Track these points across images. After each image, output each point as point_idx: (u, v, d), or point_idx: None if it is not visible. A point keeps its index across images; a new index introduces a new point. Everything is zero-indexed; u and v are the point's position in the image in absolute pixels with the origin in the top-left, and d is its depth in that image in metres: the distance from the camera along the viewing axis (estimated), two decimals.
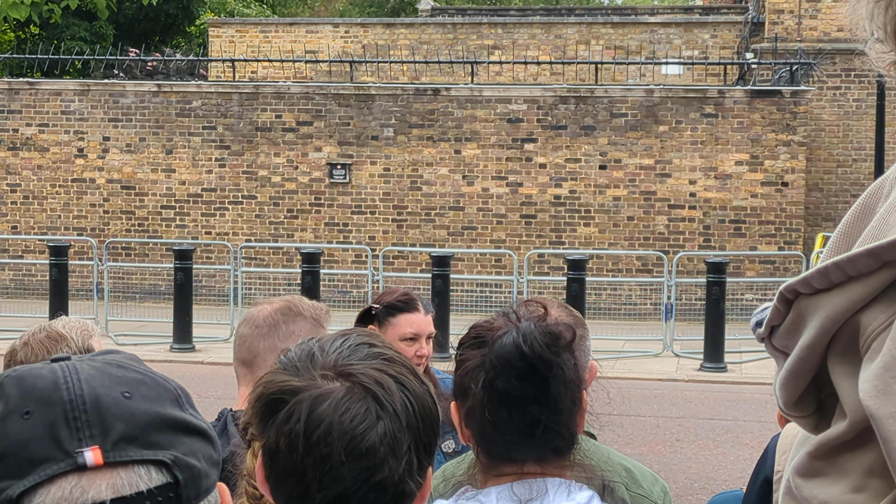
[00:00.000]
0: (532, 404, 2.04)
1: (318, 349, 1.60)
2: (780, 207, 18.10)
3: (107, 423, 1.11)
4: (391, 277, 17.81)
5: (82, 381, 1.14)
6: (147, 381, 1.18)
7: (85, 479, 1.09)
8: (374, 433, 1.51)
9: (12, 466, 1.08)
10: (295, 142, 18.99)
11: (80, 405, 1.11)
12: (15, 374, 1.16)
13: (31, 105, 19.48)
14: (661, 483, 2.66)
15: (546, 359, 2.02)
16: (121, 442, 1.11)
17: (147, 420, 1.14)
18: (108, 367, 1.17)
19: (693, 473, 9.47)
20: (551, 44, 23.26)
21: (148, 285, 19.10)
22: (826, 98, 20.30)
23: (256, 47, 23.86)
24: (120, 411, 1.13)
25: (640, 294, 18.24)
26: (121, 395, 1.14)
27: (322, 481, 1.49)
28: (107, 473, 1.09)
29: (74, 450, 1.09)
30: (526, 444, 2.05)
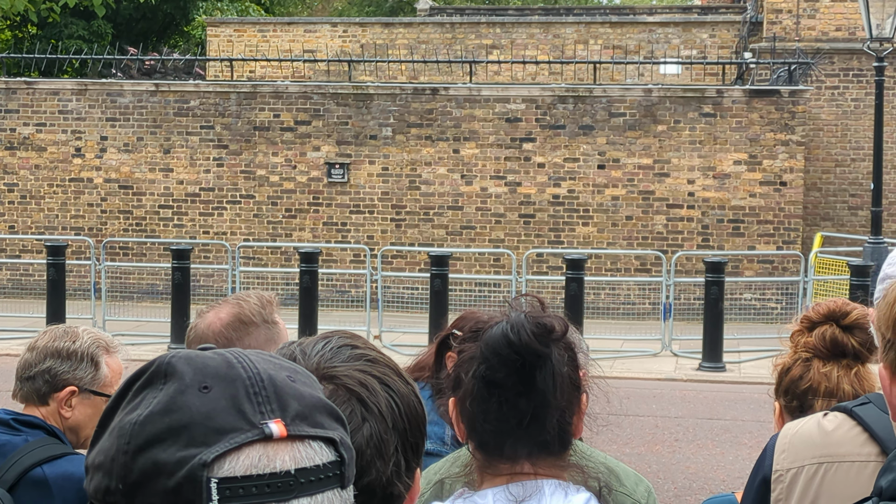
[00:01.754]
0: (520, 396, 2.03)
1: (300, 353, 1.59)
2: (779, 207, 18.08)
3: (283, 400, 1.15)
4: (389, 277, 17.79)
5: (253, 361, 1.17)
6: (299, 369, 1.23)
7: (270, 450, 1.12)
8: (360, 435, 1.49)
9: (197, 435, 1.11)
10: (293, 141, 18.97)
11: (258, 381, 1.15)
12: (181, 353, 1.18)
13: (29, 104, 19.44)
14: (645, 483, 2.65)
15: (534, 349, 2.01)
16: (297, 418, 1.15)
17: (313, 401, 1.18)
18: (265, 355, 1.22)
19: (692, 473, 9.45)
20: (550, 43, 23.24)
21: (145, 285, 19.07)
22: (824, 98, 20.29)
23: (254, 47, 23.84)
24: (291, 391, 1.17)
25: (639, 293, 18.22)
26: (286, 377, 1.18)
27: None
28: (288, 445, 1.13)
29: (259, 422, 1.12)
30: (514, 438, 2.03)
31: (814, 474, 2.47)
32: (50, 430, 3.18)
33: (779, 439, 2.58)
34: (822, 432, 2.49)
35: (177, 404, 1.13)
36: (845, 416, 2.46)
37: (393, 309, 17.35)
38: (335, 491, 1.16)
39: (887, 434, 2.36)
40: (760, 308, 17.87)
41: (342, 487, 1.17)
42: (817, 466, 2.47)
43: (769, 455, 2.59)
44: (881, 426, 2.38)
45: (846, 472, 2.42)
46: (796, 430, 2.55)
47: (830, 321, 2.84)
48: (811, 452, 2.49)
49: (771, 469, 2.56)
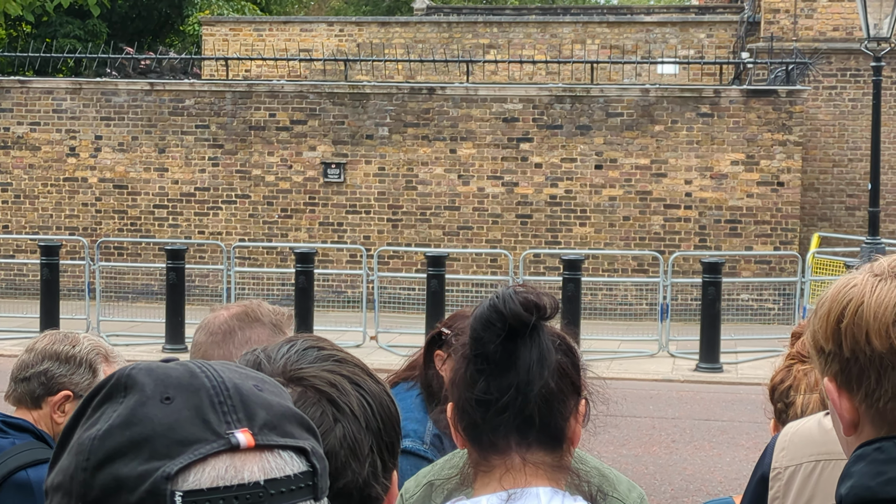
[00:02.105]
0: (507, 368, 2.00)
1: (265, 357, 1.53)
2: (776, 207, 18.03)
3: (250, 409, 1.11)
4: (386, 277, 17.73)
5: (217, 370, 1.13)
6: (266, 378, 1.19)
7: (238, 460, 1.08)
8: (333, 437, 1.44)
9: (160, 448, 1.06)
10: (289, 141, 18.90)
11: (223, 390, 1.11)
12: (141, 365, 1.14)
13: (23, 103, 19.37)
14: (638, 490, 2.62)
15: (520, 317, 1.98)
16: (264, 428, 1.11)
17: (281, 411, 1.14)
18: (230, 364, 1.18)
19: (689, 475, 9.39)
20: (547, 43, 23.18)
21: (140, 285, 19.00)
22: (822, 98, 20.25)
23: (250, 46, 23.77)
24: (258, 400, 1.12)
25: (636, 294, 18.17)
26: (253, 386, 1.14)
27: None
28: (256, 456, 1.09)
29: (225, 431, 1.08)
30: (503, 421, 2.00)
31: (811, 472, 2.47)
32: (38, 434, 3.15)
33: (780, 437, 2.59)
34: (822, 430, 2.48)
35: (137, 417, 1.08)
36: None
37: (389, 310, 17.29)
38: (308, 503, 1.11)
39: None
40: (758, 309, 17.82)
41: (315, 499, 1.12)
42: (815, 464, 2.46)
43: (769, 453, 2.59)
44: None
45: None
46: (797, 429, 2.55)
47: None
48: (810, 450, 2.48)
49: (770, 467, 2.56)
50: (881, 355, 1.61)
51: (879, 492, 1.55)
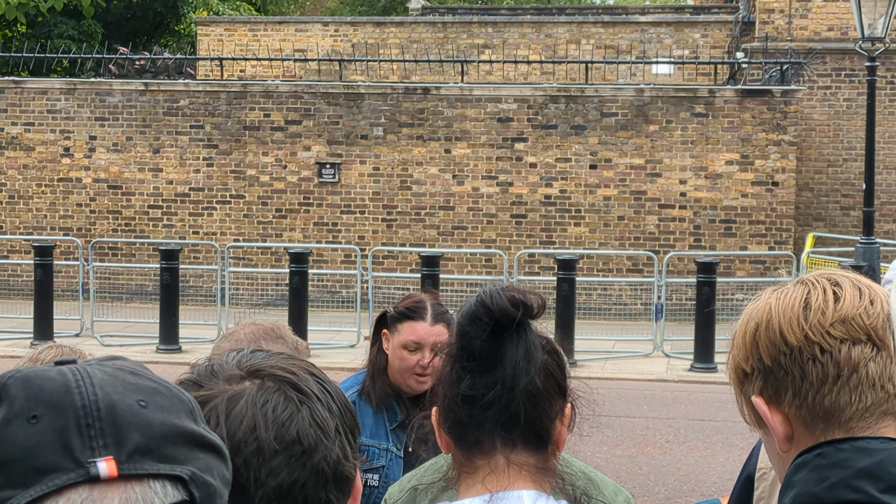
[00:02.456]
0: (494, 366, 1.99)
1: (216, 363, 1.52)
2: (771, 207, 18.03)
3: (122, 432, 1.03)
4: (381, 277, 17.71)
5: (95, 385, 1.05)
6: (162, 390, 1.10)
7: (97, 492, 1.00)
8: (300, 417, 1.43)
9: (15, 475, 0.99)
10: (283, 141, 18.88)
11: (93, 411, 1.03)
12: (20, 374, 1.06)
13: (17, 104, 19.33)
14: (624, 493, 2.62)
15: (508, 312, 1.98)
16: (136, 454, 1.03)
17: (163, 431, 1.05)
18: (120, 374, 1.09)
19: (683, 475, 9.38)
20: (542, 43, 23.18)
21: (134, 286, 18.97)
22: (816, 98, 20.25)
23: (245, 46, 23.74)
24: (135, 420, 1.04)
25: (631, 294, 18.16)
26: (136, 402, 1.05)
27: (257, 478, 1.39)
28: (120, 487, 1.01)
29: (87, 459, 1.00)
30: (487, 418, 1.98)
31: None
32: None
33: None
34: None
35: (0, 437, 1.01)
36: None
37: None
38: None
39: None
40: None
41: None
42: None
43: (755, 454, 2.59)
44: None
45: None
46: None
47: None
48: None
49: (755, 467, 2.55)
50: (799, 349, 1.66)
51: (825, 497, 1.55)
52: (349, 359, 14.38)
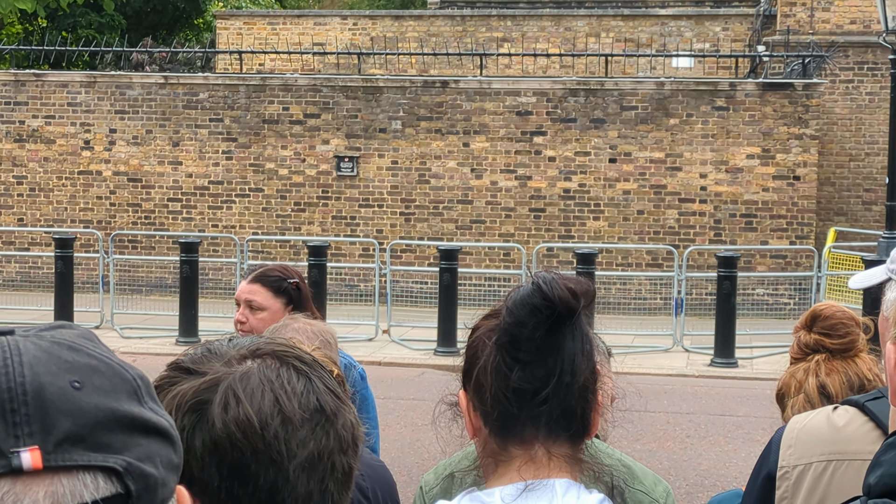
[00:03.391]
0: (547, 355, 1.91)
1: (206, 348, 1.48)
2: (792, 202, 17.94)
3: (50, 419, 0.93)
4: (399, 271, 17.70)
5: (24, 364, 0.95)
6: (102, 368, 0.99)
7: (19, 486, 0.91)
8: (316, 387, 1.41)
9: None
10: (302, 134, 18.88)
11: (19, 395, 0.93)
12: None
13: (38, 97, 19.38)
14: (664, 484, 2.58)
15: (567, 300, 1.89)
16: (65, 442, 0.93)
17: (98, 417, 0.95)
18: (56, 349, 0.98)
19: (704, 470, 9.34)
20: (561, 36, 23.10)
21: (154, 278, 19.00)
22: (838, 91, 20.13)
23: (264, 39, 23.75)
24: (66, 405, 0.94)
25: (650, 288, 18.09)
26: (69, 384, 0.96)
27: (289, 450, 1.37)
28: (45, 479, 0.92)
29: (10, 449, 0.92)
30: (536, 411, 1.92)
31: (822, 472, 2.38)
32: None
33: (785, 433, 2.49)
34: (832, 428, 2.39)
35: None
36: (857, 411, 2.36)
37: (402, 303, 17.25)
38: None
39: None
40: (773, 303, 17.73)
41: None
42: (826, 464, 2.37)
43: (774, 450, 2.50)
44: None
45: (857, 470, 2.31)
46: (804, 425, 2.46)
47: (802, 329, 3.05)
48: (820, 449, 2.39)
49: (776, 465, 2.47)
50: None
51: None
52: (368, 352, 14.37)
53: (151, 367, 7.18)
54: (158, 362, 1.11)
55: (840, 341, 2.95)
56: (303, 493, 1.38)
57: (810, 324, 3.01)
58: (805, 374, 2.94)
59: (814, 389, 2.89)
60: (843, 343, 2.94)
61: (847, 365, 2.93)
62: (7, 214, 19.49)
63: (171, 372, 1.45)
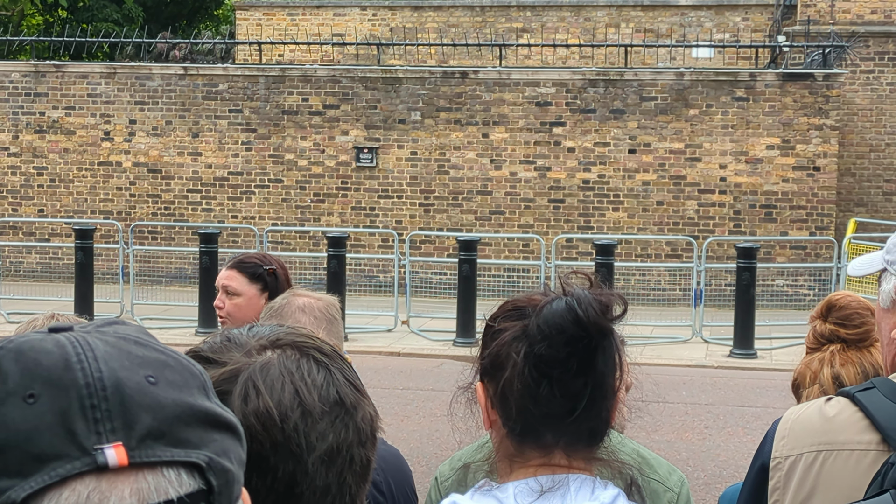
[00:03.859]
0: (578, 377, 1.89)
1: (225, 337, 1.48)
2: (812, 192, 17.87)
3: (131, 415, 0.91)
4: (418, 262, 17.71)
5: (99, 360, 0.93)
6: (171, 362, 0.98)
7: (105, 483, 0.90)
8: (335, 378, 1.42)
9: (12, 462, 0.89)
10: (322, 125, 18.90)
11: (98, 390, 0.91)
12: (11, 345, 0.95)
13: (58, 88, 19.46)
14: (678, 473, 2.58)
15: (601, 326, 1.87)
16: (147, 438, 0.92)
17: (176, 412, 0.94)
18: (124, 344, 0.97)
19: (722, 461, 9.33)
20: (580, 27, 23.05)
21: (174, 269, 19.07)
22: (859, 81, 20.03)
23: (283, 30, 23.77)
24: (145, 400, 0.93)
25: (670, 279, 18.06)
26: (144, 379, 0.94)
27: (309, 443, 1.38)
28: (130, 476, 0.91)
29: (93, 446, 0.90)
30: (562, 423, 1.90)
31: (812, 462, 2.39)
32: None
33: (780, 425, 2.51)
34: (823, 418, 2.40)
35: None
36: (847, 402, 2.38)
37: (421, 294, 17.27)
38: None
39: (889, 421, 2.27)
40: (793, 294, 17.68)
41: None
42: (816, 454, 2.39)
43: (769, 441, 2.51)
44: (884, 413, 2.29)
45: (845, 460, 2.34)
46: (797, 416, 2.49)
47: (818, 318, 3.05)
48: (810, 439, 2.41)
49: (770, 456, 2.48)
50: None
51: None
52: (387, 343, 14.39)
53: None
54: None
55: (855, 331, 2.94)
56: (321, 485, 1.38)
57: (826, 313, 3.01)
58: (820, 365, 2.94)
59: (828, 380, 2.90)
60: (859, 333, 2.94)
61: (862, 355, 2.92)
62: (28, 205, 19.58)
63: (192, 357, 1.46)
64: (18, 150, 19.56)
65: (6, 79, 19.57)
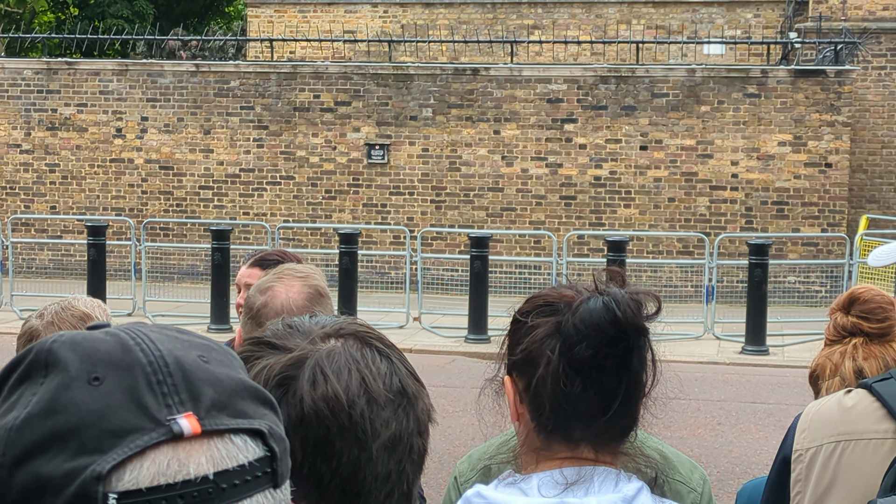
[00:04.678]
0: (614, 376, 1.89)
1: (293, 325, 1.50)
2: (824, 189, 17.84)
3: (195, 388, 0.95)
4: (429, 258, 17.72)
5: (155, 341, 0.97)
6: (214, 346, 1.02)
7: (181, 451, 0.92)
8: (397, 368, 1.46)
9: (88, 441, 0.91)
10: (333, 122, 18.91)
11: (161, 367, 0.95)
12: (63, 338, 0.97)
13: (70, 85, 19.50)
14: (700, 471, 2.57)
15: (639, 325, 1.90)
16: (212, 409, 0.95)
17: (232, 386, 0.98)
18: (169, 331, 1.01)
19: (735, 458, 9.33)
20: (592, 23, 23.03)
21: (186, 266, 19.11)
22: (871, 78, 19.98)
23: (295, 27, 23.79)
24: (204, 375, 0.97)
25: (681, 276, 18.05)
26: (198, 358, 0.98)
27: (374, 429, 1.40)
28: (203, 444, 0.94)
29: (166, 417, 0.93)
30: (595, 421, 1.90)
31: (831, 452, 2.43)
32: None
33: (801, 418, 2.55)
34: (842, 409, 2.44)
35: (61, 402, 0.92)
36: (865, 392, 2.41)
37: (433, 291, 17.28)
38: (266, 492, 0.97)
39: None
40: (805, 291, 17.66)
41: (275, 487, 0.98)
42: (835, 445, 2.42)
43: (791, 434, 2.55)
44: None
45: (863, 449, 2.38)
46: (817, 409, 2.52)
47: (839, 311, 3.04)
48: (830, 430, 2.44)
49: (791, 449, 2.52)
50: None
51: None
52: (399, 339, 14.41)
53: None
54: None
55: (878, 325, 2.94)
56: (382, 472, 1.41)
57: (848, 306, 3.00)
58: (841, 357, 2.93)
59: (850, 373, 2.90)
60: (882, 328, 2.94)
61: (884, 349, 2.92)
62: (40, 202, 19.64)
63: (255, 346, 1.48)
64: (31, 147, 19.62)
65: (18, 76, 19.62)
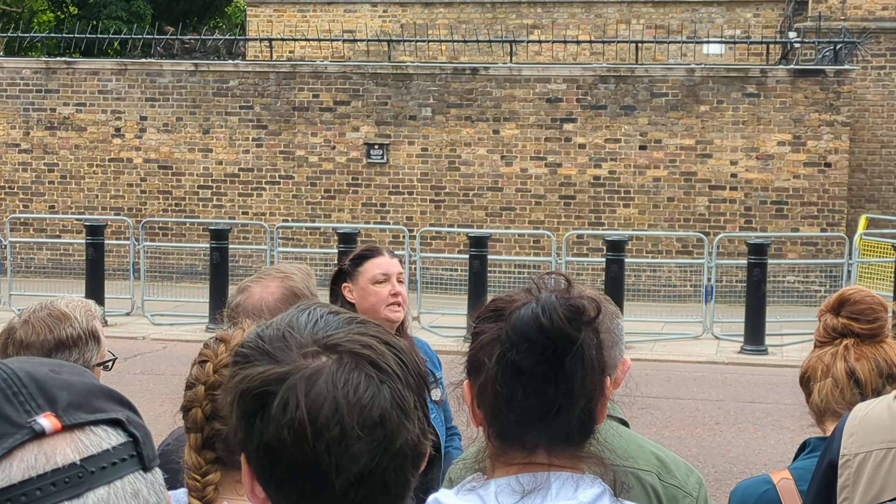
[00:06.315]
0: (548, 383, 1.87)
1: (287, 328, 1.46)
2: (823, 188, 17.83)
3: (50, 393, 1.06)
4: (429, 258, 17.71)
5: (7, 363, 1.08)
6: (64, 363, 1.14)
7: (46, 446, 1.03)
8: (382, 398, 1.38)
9: None
10: (332, 122, 18.90)
11: (15, 381, 1.06)
12: None
13: (69, 84, 19.50)
14: (696, 474, 2.55)
15: (566, 334, 1.86)
16: (69, 408, 1.06)
17: (86, 388, 1.09)
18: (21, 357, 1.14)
19: (732, 457, 9.32)
20: (591, 23, 23.02)
21: (184, 265, 19.10)
22: (870, 78, 19.98)
23: (294, 27, 23.78)
24: (57, 382, 1.08)
25: (680, 276, 18.04)
26: (49, 370, 1.09)
27: (339, 464, 1.35)
28: (66, 437, 1.04)
29: (26, 421, 1.03)
30: (537, 427, 1.89)
31: (882, 459, 2.38)
32: None
33: (847, 421, 2.49)
34: (892, 416, 2.39)
35: None
36: None
37: (432, 290, 17.27)
38: (136, 474, 1.07)
39: None
40: (804, 291, 17.65)
41: (145, 469, 1.08)
42: (886, 451, 2.37)
43: (837, 438, 2.49)
44: None
45: None
46: (865, 413, 2.47)
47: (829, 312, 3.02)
48: (880, 437, 2.39)
49: (838, 453, 2.46)
50: None
51: None
52: None
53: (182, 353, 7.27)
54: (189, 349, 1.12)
55: (869, 326, 2.92)
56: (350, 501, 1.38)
57: (837, 307, 2.98)
58: (833, 359, 2.91)
59: (843, 374, 2.87)
60: (872, 328, 2.92)
61: (876, 350, 2.90)
62: (39, 202, 19.63)
63: (252, 350, 1.44)
64: (29, 146, 19.61)
65: (17, 75, 19.61)
